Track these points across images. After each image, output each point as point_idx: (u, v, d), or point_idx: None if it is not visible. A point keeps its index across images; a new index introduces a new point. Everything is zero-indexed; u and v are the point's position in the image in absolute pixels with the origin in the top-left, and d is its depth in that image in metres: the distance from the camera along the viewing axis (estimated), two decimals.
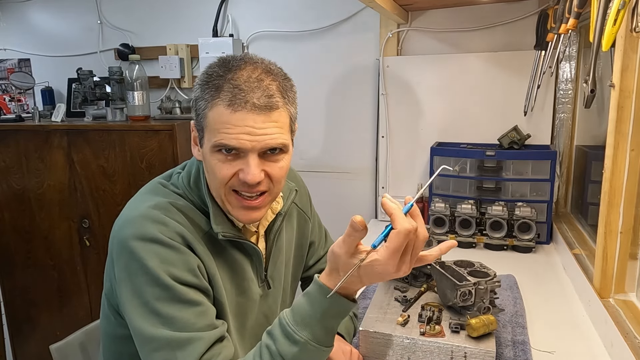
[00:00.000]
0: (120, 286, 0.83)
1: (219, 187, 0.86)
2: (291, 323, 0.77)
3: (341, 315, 0.79)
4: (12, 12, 2.66)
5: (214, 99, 0.81)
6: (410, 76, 2.04)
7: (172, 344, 0.78)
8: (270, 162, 0.85)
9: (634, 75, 1.08)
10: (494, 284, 1.08)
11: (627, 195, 1.14)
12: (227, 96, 0.80)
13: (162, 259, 0.80)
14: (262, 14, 2.25)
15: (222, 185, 0.85)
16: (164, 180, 0.95)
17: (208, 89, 0.82)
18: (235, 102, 0.79)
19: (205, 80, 0.83)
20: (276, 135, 0.82)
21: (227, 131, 0.80)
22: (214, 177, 0.85)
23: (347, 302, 0.77)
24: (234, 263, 0.93)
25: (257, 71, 0.82)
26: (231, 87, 0.80)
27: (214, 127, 0.81)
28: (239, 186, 0.85)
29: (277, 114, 0.82)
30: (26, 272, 2.43)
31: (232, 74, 0.81)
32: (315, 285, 0.78)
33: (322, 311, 0.76)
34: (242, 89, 0.80)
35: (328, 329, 0.78)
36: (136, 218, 0.83)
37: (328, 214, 1.58)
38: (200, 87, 0.84)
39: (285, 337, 0.77)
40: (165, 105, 2.32)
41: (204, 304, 0.83)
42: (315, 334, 0.76)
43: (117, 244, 0.83)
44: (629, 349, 0.97)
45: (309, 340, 0.76)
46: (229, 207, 0.88)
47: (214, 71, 0.83)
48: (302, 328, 0.76)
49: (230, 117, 0.79)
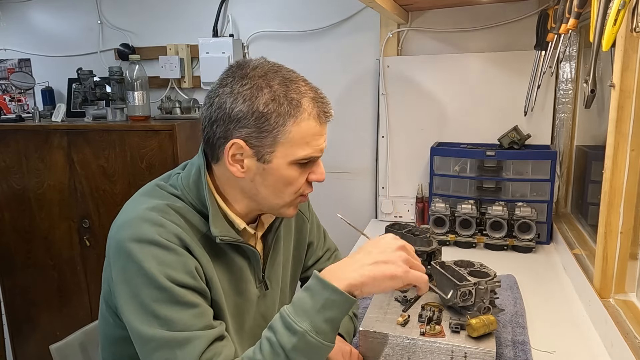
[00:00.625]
0: (118, 288, 0.82)
1: (291, 196, 0.90)
2: (291, 314, 0.78)
3: (341, 308, 0.79)
4: (12, 12, 2.66)
5: (301, 113, 0.84)
6: (410, 76, 2.04)
7: (171, 343, 0.78)
8: None
9: (634, 75, 1.08)
10: (494, 284, 1.08)
11: (627, 195, 1.14)
12: (314, 110, 0.85)
13: (159, 261, 0.80)
14: (262, 14, 2.25)
15: (296, 193, 0.91)
16: (162, 181, 0.95)
17: (288, 103, 0.83)
18: (321, 115, 0.86)
19: (275, 94, 0.83)
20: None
21: (317, 142, 0.87)
22: (290, 188, 0.89)
23: (348, 295, 0.78)
24: (231, 264, 0.93)
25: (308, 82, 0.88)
26: (314, 101, 0.85)
27: (303, 141, 0.85)
28: (308, 189, 0.92)
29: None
30: (26, 272, 2.43)
31: (301, 87, 0.85)
32: (315, 279, 0.81)
33: (323, 303, 0.77)
34: (325, 102, 0.87)
35: (328, 321, 0.78)
36: (133, 220, 0.83)
37: (328, 214, 1.58)
38: (272, 102, 0.82)
39: (285, 328, 0.77)
40: (165, 105, 2.32)
41: (201, 306, 0.83)
42: (315, 325, 0.76)
43: (115, 246, 0.83)
44: (629, 349, 0.97)
45: (308, 331, 0.76)
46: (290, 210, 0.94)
47: (277, 88, 0.83)
48: (303, 319, 0.77)
49: (320, 129, 0.86)
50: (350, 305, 0.79)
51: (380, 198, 2.17)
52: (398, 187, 2.14)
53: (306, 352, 0.77)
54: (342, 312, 0.79)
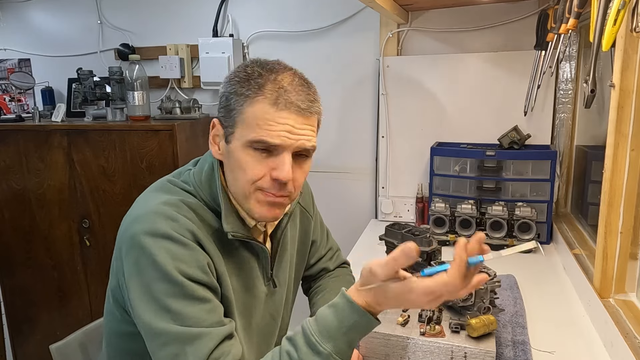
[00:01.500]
0: (130, 281, 0.82)
1: (245, 184, 0.86)
2: (315, 333, 0.76)
3: (366, 331, 0.77)
4: (12, 12, 2.66)
5: (258, 95, 0.82)
6: (410, 76, 2.04)
7: (181, 338, 0.78)
8: (296, 166, 0.87)
9: (634, 75, 1.08)
10: (494, 284, 1.08)
11: (627, 195, 1.14)
12: (272, 95, 0.82)
13: (172, 255, 0.80)
14: (262, 14, 2.25)
15: (250, 183, 0.85)
16: (174, 178, 0.95)
17: (249, 85, 0.83)
18: (280, 101, 0.82)
19: (245, 77, 0.84)
20: (310, 138, 0.86)
21: (270, 128, 0.82)
22: (244, 174, 0.85)
23: (373, 319, 0.76)
24: (241, 261, 0.93)
25: (296, 77, 0.86)
26: (277, 87, 0.83)
27: (255, 123, 0.82)
28: (268, 185, 0.85)
29: (313, 119, 0.87)
30: (26, 272, 2.43)
31: (275, 75, 0.84)
32: (344, 298, 0.77)
33: (349, 326, 0.75)
34: (288, 90, 0.83)
35: (350, 344, 0.77)
36: (147, 214, 0.83)
37: (328, 214, 1.58)
38: (238, 83, 0.84)
39: (309, 347, 0.76)
40: (165, 105, 2.32)
41: (212, 302, 0.83)
42: (338, 348, 0.75)
43: (128, 240, 0.83)
44: (629, 349, 0.97)
45: (332, 353, 0.74)
46: (253, 205, 0.88)
47: (254, 70, 0.84)
48: (327, 340, 0.75)
49: (274, 115, 0.82)
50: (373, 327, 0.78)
51: (380, 198, 2.17)
52: (398, 187, 2.14)
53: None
54: (365, 334, 0.78)
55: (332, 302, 0.79)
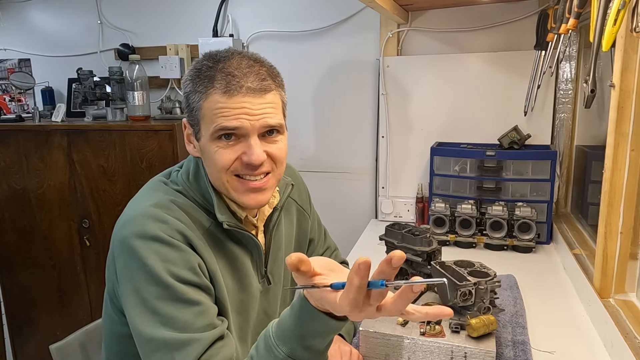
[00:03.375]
0: (121, 285, 0.83)
1: (220, 173, 0.87)
2: (274, 336, 0.73)
3: (326, 334, 0.72)
4: (12, 12, 2.66)
5: (208, 89, 0.83)
6: (410, 76, 2.04)
7: (170, 345, 0.78)
8: (270, 144, 0.87)
9: (634, 75, 1.08)
10: (494, 284, 1.08)
11: (627, 195, 1.14)
12: (221, 84, 0.83)
13: (162, 258, 0.80)
14: (262, 14, 2.25)
15: (224, 171, 0.86)
16: (164, 177, 0.96)
17: (200, 81, 0.84)
18: (230, 87, 0.82)
19: (195, 74, 0.86)
20: (273, 115, 0.85)
21: (226, 114, 0.82)
22: (215, 165, 0.86)
23: (331, 320, 0.69)
24: (234, 259, 0.93)
25: (244, 59, 0.85)
26: (224, 75, 0.83)
27: (212, 115, 0.83)
28: (243, 170, 0.86)
29: (271, 96, 0.86)
30: (26, 272, 2.43)
31: (222, 64, 0.84)
32: (300, 299, 0.71)
33: (303, 328, 0.70)
34: (235, 75, 0.83)
35: (310, 348, 0.71)
36: (137, 216, 0.84)
37: (328, 214, 1.58)
38: (191, 82, 0.86)
39: (266, 350, 0.74)
40: (165, 105, 2.32)
41: (203, 304, 0.83)
42: (294, 352, 0.71)
43: (118, 243, 0.83)
44: (629, 349, 0.97)
45: (287, 356, 0.71)
46: (234, 194, 0.88)
47: (203, 64, 0.85)
48: (282, 343, 0.71)
49: (227, 102, 0.82)
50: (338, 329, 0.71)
51: (380, 198, 2.17)
52: (398, 187, 2.14)
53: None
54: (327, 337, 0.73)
55: (292, 302, 0.75)
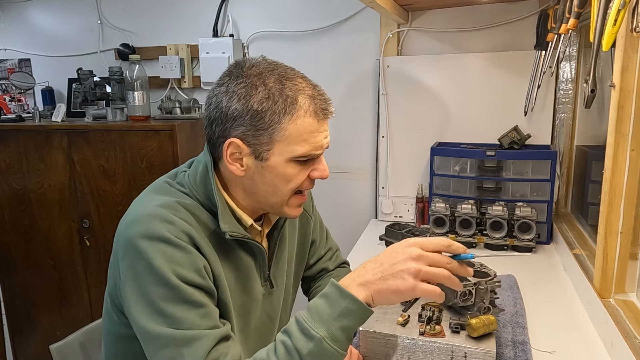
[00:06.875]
0: (126, 285, 0.82)
1: (287, 193, 0.90)
2: (308, 320, 0.77)
3: (358, 318, 0.78)
4: (12, 12, 2.66)
5: (297, 110, 0.84)
6: (410, 76, 2.04)
7: (178, 341, 0.78)
8: None
9: (634, 75, 1.08)
10: (494, 284, 1.08)
11: (627, 195, 1.14)
12: (310, 107, 0.85)
13: (168, 259, 0.80)
14: (262, 14, 2.25)
15: (293, 191, 0.91)
16: (170, 179, 0.95)
17: (282, 102, 0.83)
18: (318, 111, 0.86)
19: (268, 95, 0.83)
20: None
21: (316, 139, 0.87)
22: (288, 184, 0.89)
23: (365, 306, 0.77)
24: (239, 262, 0.93)
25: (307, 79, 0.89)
26: (310, 97, 0.86)
27: (301, 138, 0.85)
28: (308, 185, 0.93)
29: None
30: (26, 272, 2.43)
31: (298, 84, 0.86)
32: (333, 286, 0.79)
33: (340, 310, 0.77)
34: (317, 97, 0.86)
35: (344, 330, 0.77)
36: (143, 217, 0.83)
37: (328, 214, 1.58)
38: (267, 101, 0.83)
39: (302, 333, 0.77)
40: (165, 105, 2.32)
41: (208, 306, 0.83)
42: (331, 332, 0.76)
43: (124, 243, 0.83)
44: (629, 349, 0.97)
45: (324, 337, 0.75)
46: (286, 209, 0.93)
47: (272, 86, 0.84)
48: (319, 325, 0.76)
49: (318, 126, 0.86)
50: (367, 315, 0.78)
51: (380, 198, 2.17)
52: (398, 187, 2.14)
53: (320, 359, 0.76)
54: (358, 322, 0.78)
55: (322, 292, 0.81)
